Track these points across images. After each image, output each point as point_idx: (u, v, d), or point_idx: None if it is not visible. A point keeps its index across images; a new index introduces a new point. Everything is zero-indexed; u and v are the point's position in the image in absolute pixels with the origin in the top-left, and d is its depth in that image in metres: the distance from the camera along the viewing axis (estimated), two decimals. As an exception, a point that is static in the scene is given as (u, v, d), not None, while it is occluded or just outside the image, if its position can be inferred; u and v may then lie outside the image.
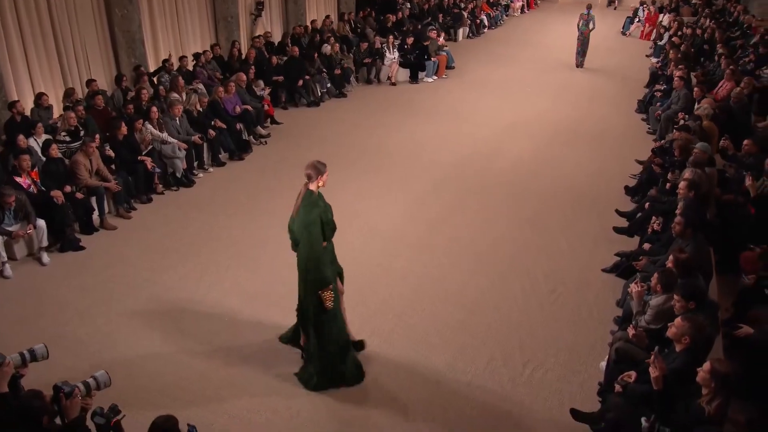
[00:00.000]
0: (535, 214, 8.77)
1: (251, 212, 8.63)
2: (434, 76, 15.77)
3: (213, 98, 10.48)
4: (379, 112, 13.21)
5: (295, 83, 13.06)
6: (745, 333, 5.31)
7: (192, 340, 6.03)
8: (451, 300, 6.75)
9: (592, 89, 15.25)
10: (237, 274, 7.17)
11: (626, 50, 19.82)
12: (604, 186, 9.63)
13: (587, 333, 6.25)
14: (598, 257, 7.56)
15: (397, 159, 10.58)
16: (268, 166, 10.19)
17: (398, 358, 5.83)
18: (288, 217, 5.54)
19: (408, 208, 8.84)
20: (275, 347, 5.92)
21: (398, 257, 7.60)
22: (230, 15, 13.68)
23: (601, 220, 8.51)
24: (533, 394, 5.45)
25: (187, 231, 8.13)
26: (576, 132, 12.14)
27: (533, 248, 7.85)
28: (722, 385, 3.94)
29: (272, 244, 7.76)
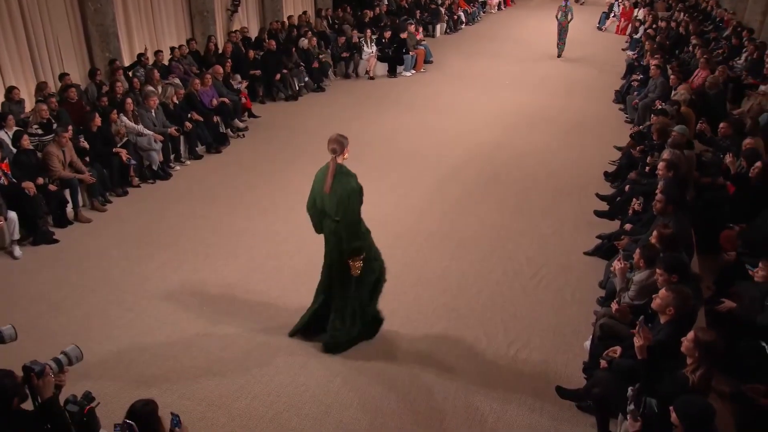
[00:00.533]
0: (515, 200, 8.72)
1: (230, 203, 8.48)
2: (412, 70, 15.69)
3: (189, 91, 10.30)
4: (358, 104, 13.11)
5: (273, 77, 12.91)
6: (728, 307, 5.30)
7: (169, 328, 5.87)
8: (433, 285, 6.66)
9: (569, 81, 15.27)
10: (215, 263, 7.02)
11: (602, 44, 19.91)
12: (584, 172, 9.60)
13: (571, 314, 6.19)
14: (580, 241, 7.52)
15: (375, 149, 10.47)
16: (246, 159, 10.03)
17: (379, 344, 5.71)
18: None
19: (387, 195, 8.73)
20: (253, 335, 5.78)
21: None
22: (206, 10, 13.49)
23: (582, 205, 8.48)
24: (518, 373, 5.37)
25: (164, 222, 7.95)
26: (554, 121, 12.13)
27: (515, 233, 7.78)
28: (706, 354, 3.87)
29: (251, 234, 7.64)
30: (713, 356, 3.90)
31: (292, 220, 7.90)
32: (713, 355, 3.90)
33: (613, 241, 6.66)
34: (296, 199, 8.40)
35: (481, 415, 4.91)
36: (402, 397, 5.06)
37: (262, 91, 12.97)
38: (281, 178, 9.26)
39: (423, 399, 5.05)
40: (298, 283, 6.55)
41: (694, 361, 3.93)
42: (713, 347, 3.89)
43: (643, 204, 6.75)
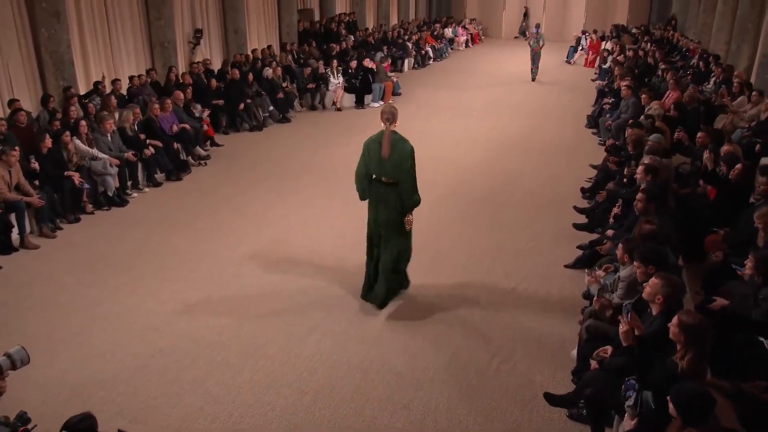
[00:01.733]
0: (491, 217, 8.59)
1: (190, 228, 8.17)
2: (381, 101, 15.69)
3: (148, 116, 10.05)
4: (325, 133, 13.00)
5: (236, 107, 12.74)
6: (720, 305, 5.14)
7: (121, 351, 5.49)
8: (407, 302, 6.40)
9: (541, 108, 15.45)
10: (174, 286, 6.67)
11: (572, 76, 20.30)
12: (560, 190, 9.57)
13: (554, 325, 5.97)
14: (560, 254, 7.38)
15: (342, 173, 10.27)
16: (208, 185, 9.77)
17: (351, 359, 5.42)
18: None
19: (358, 215, 8.51)
20: (213, 355, 5.44)
21: (348, 260, 7.24)
22: (167, 41, 13.37)
23: (559, 220, 8.38)
24: (503, 385, 5.09)
25: (119, 247, 7.60)
26: (528, 145, 12.18)
27: (491, 249, 7.61)
28: (691, 337, 3.72)
29: (213, 257, 7.35)
30: (699, 338, 3.74)
31: (256, 243, 7.70)
32: (699, 338, 3.74)
33: (594, 247, 6.51)
34: (260, 223, 8.28)
35: (465, 429, 4.61)
36: (377, 414, 4.75)
37: (226, 121, 12.78)
38: (243, 203, 9.02)
39: (402, 415, 4.74)
40: (261, 306, 6.28)
41: (681, 346, 3.76)
42: (698, 329, 3.74)
43: (623, 209, 6.64)
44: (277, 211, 8.75)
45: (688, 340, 3.70)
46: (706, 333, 3.72)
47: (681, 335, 3.73)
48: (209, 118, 11.80)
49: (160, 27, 13.13)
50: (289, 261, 7.24)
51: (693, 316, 3.79)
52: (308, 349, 5.57)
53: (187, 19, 14.53)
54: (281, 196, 9.29)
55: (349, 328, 5.90)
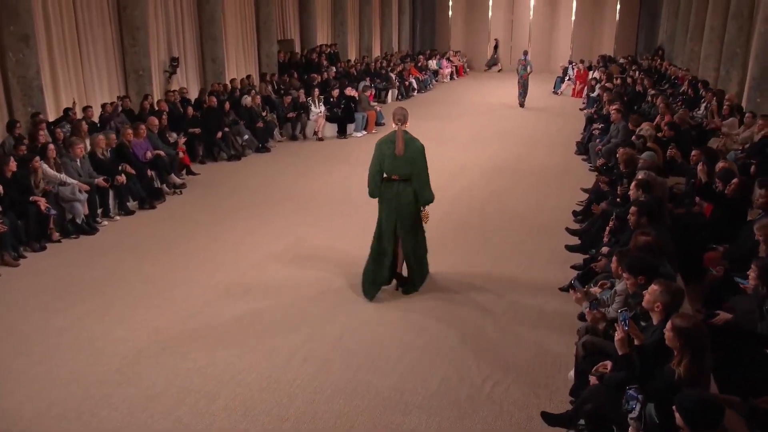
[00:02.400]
0: (481, 241, 8.53)
1: (165, 255, 8.02)
2: (363, 131, 15.74)
3: (121, 141, 9.95)
4: (305, 162, 12.96)
5: (213, 135, 12.69)
6: (724, 319, 5.05)
7: (86, 380, 5.28)
8: (395, 324, 6.27)
9: (529, 136, 15.57)
10: (147, 312, 6.49)
11: (560, 106, 20.56)
12: (551, 213, 9.55)
13: (550, 347, 5.85)
14: (553, 277, 7.29)
15: (323, 201, 10.25)
16: (183, 214, 9.63)
17: (337, 383, 5.26)
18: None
19: (340, 242, 8.42)
20: (186, 384, 5.25)
21: (332, 286, 7.11)
22: (142, 68, 13.35)
23: (551, 243, 8.33)
24: (497, 409, 4.94)
25: (87, 274, 7.42)
26: (517, 171, 12.21)
27: (480, 273, 7.51)
28: (687, 340, 3.65)
29: (188, 284, 7.19)
30: (695, 342, 3.67)
31: (234, 270, 7.57)
32: (695, 341, 3.67)
33: (589, 265, 6.43)
34: (238, 251, 8.19)
35: (457, 454, 4.45)
36: (363, 438, 4.58)
37: (202, 150, 12.71)
38: (221, 230, 8.89)
39: (388, 439, 4.57)
40: (239, 332, 6.12)
41: (678, 351, 3.69)
42: (694, 332, 3.68)
43: (618, 226, 6.59)
44: (255, 238, 8.62)
45: (683, 345, 3.63)
46: (702, 336, 3.65)
47: (676, 339, 3.67)
48: (185, 146, 11.71)
49: (134, 54, 13.12)
50: (268, 287, 7.10)
51: (687, 318, 3.73)
52: (289, 374, 5.40)
53: (163, 46, 14.56)
54: (260, 223, 9.18)
55: (333, 352, 5.74)
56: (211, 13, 15.61)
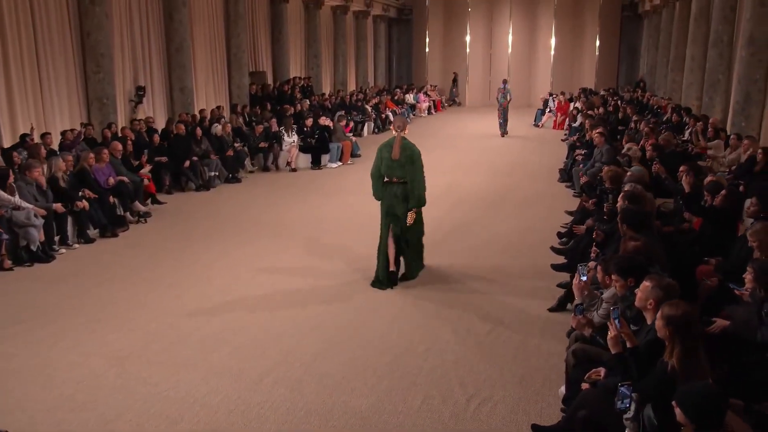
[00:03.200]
0: (460, 265, 8.42)
1: (127, 281, 7.81)
2: (338, 162, 15.70)
3: (82, 166, 9.78)
4: (278, 192, 12.89)
5: (181, 164, 12.56)
6: (721, 326, 4.97)
7: (33, 407, 5.03)
8: (373, 346, 6.10)
9: (511, 165, 15.69)
10: (105, 337, 6.27)
11: (541, 137, 20.81)
12: (535, 237, 9.54)
13: (538, 365, 5.72)
14: (539, 298, 7.19)
15: (296, 229, 10.14)
16: (148, 242, 9.43)
17: (309, 405, 5.07)
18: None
19: (313, 267, 8.28)
20: (146, 408, 5.03)
21: (303, 310, 6.95)
22: (106, 96, 13.21)
23: (536, 264, 8.28)
24: (483, 427, 4.79)
25: (42, 300, 7.18)
26: (499, 198, 12.25)
27: (462, 293, 7.41)
28: (675, 328, 3.61)
29: (151, 308, 7.00)
30: (686, 329, 3.63)
31: (201, 294, 7.40)
32: (685, 328, 3.63)
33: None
34: (205, 275, 8.08)
35: (441, 473, 4.26)
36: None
37: (169, 179, 12.56)
38: (188, 256, 8.73)
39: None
40: (204, 354, 5.93)
41: (669, 341, 3.65)
42: (683, 319, 3.63)
43: (604, 240, 6.54)
44: (224, 263, 8.46)
45: (673, 333, 3.58)
46: (693, 323, 3.61)
47: (666, 329, 3.62)
48: (151, 174, 11.56)
49: (98, 81, 12.99)
50: (236, 312, 6.91)
51: (677, 306, 3.68)
52: (258, 396, 5.20)
53: (128, 74, 14.49)
54: (230, 249, 9.02)
55: (306, 375, 5.55)
56: (180, 41, 15.58)
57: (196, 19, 16.72)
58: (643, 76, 27.37)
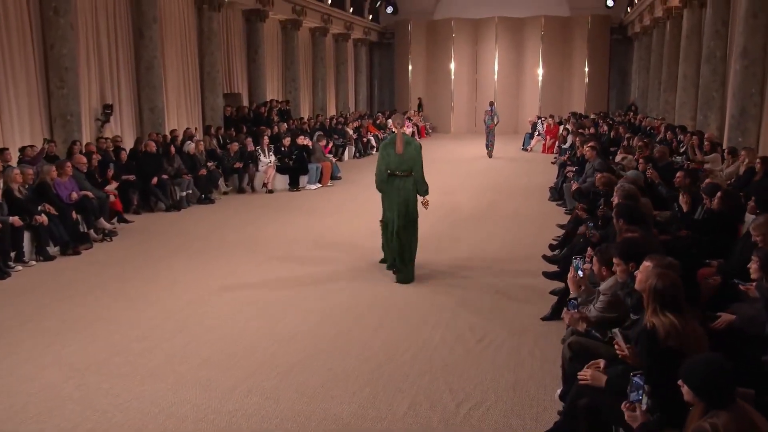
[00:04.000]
0: (449, 276, 8.37)
1: (89, 296, 7.63)
2: (318, 184, 15.63)
3: (42, 179, 9.62)
4: (253, 212, 12.78)
5: (149, 182, 12.41)
6: (726, 321, 4.90)
7: (-15, 416, 4.83)
8: (354, 355, 5.96)
9: (500, 186, 15.78)
10: (62, 349, 6.08)
11: (530, 162, 20.89)
12: (525, 249, 9.57)
13: (532, 371, 5.60)
14: (532, 307, 7.12)
15: (273, 245, 10.06)
16: (113, 260, 9.24)
17: (285, 413, 4.91)
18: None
19: (288, 285, 8.15)
20: (104, 420, 4.84)
21: (282, 320, 6.81)
22: (70, 113, 13.08)
23: (528, 275, 8.27)
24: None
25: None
26: (489, 216, 12.27)
27: (450, 304, 7.32)
28: (653, 294, 3.74)
29: (113, 321, 6.82)
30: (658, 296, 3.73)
31: (168, 307, 7.26)
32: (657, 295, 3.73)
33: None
34: (173, 289, 7.94)
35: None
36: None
37: (138, 199, 12.40)
38: (156, 272, 8.58)
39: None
40: (171, 365, 5.78)
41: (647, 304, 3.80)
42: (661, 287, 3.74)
43: (600, 242, 6.47)
44: (193, 276, 8.34)
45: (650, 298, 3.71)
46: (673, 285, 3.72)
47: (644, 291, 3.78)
48: (117, 191, 11.41)
49: (62, 97, 12.87)
50: (205, 325, 6.74)
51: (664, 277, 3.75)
52: (230, 405, 5.02)
53: (95, 91, 14.38)
54: (199, 265, 8.88)
55: (281, 384, 5.39)
56: (150, 59, 15.52)
57: (168, 36, 16.71)
58: (635, 100, 27.74)
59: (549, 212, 12.52)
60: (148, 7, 15.21)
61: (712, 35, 15.82)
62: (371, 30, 32.24)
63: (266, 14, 21.08)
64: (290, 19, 23.15)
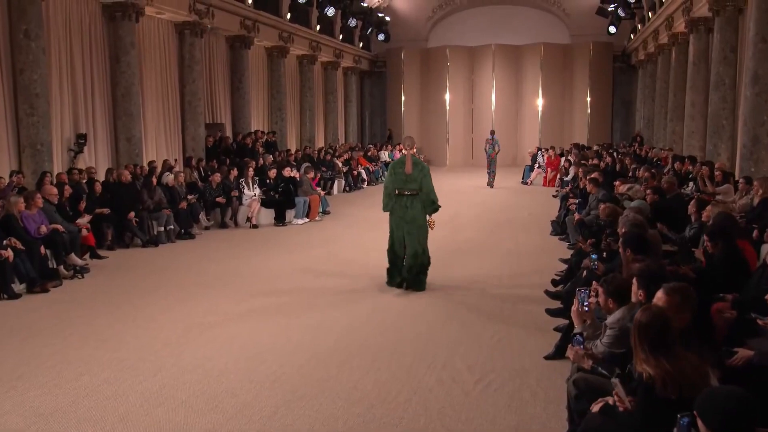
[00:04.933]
0: (443, 312, 8.36)
1: (56, 336, 7.52)
2: (305, 218, 15.62)
3: (9, 211, 9.55)
4: (236, 248, 12.76)
5: (126, 217, 12.35)
6: (745, 356, 4.85)
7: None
8: (343, 397, 5.87)
9: (499, 219, 15.87)
10: (25, 392, 5.96)
11: (531, 195, 20.98)
12: (525, 285, 9.57)
13: (536, 413, 5.54)
14: (534, 345, 7.07)
15: (255, 282, 10.07)
16: (85, 297, 9.15)
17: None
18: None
19: (269, 324, 8.08)
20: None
21: (266, 360, 6.74)
22: (40, 142, 13.04)
23: (529, 311, 8.25)
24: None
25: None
26: (487, 251, 12.29)
27: (447, 342, 7.26)
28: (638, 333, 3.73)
29: (85, 363, 6.71)
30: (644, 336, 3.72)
31: (144, 348, 7.17)
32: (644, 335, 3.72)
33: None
34: (148, 327, 7.85)
35: None
36: None
37: (112, 234, 12.33)
38: (130, 310, 8.49)
39: None
40: (148, 407, 5.69)
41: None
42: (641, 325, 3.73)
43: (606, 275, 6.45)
44: (171, 315, 8.26)
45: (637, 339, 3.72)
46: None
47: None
48: (89, 225, 11.35)
49: (32, 125, 12.83)
50: (185, 364, 6.65)
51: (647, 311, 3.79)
52: (207, 451, 4.91)
53: (68, 120, 14.38)
54: (177, 303, 8.81)
55: (265, 427, 5.33)
56: (127, 86, 15.58)
57: (147, 63, 16.83)
58: (640, 131, 27.92)
59: (551, 247, 12.54)
60: (126, 32, 15.32)
61: (720, 61, 16.01)
62: (362, 58, 32.53)
63: (251, 41, 21.26)
64: (276, 46, 23.34)
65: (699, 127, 18.04)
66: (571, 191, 15.36)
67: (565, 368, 6.22)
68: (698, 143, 18.07)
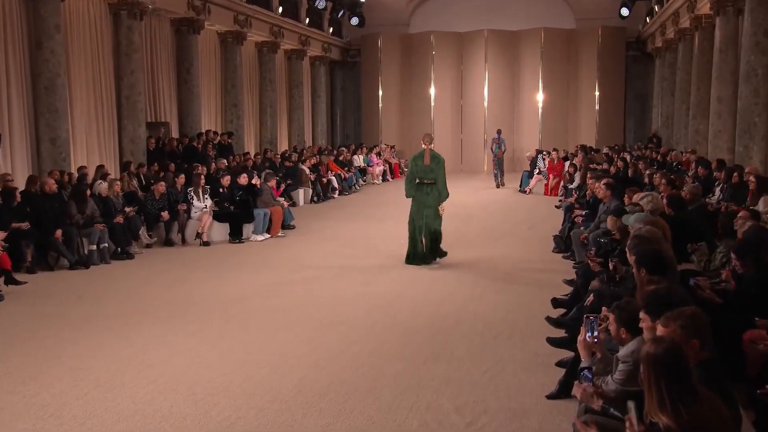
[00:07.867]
0: (429, 347, 8.38)
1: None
2: (266, 234, 15.60)
3: None
4: (183, 269, 12.77)
5: (50, 234, 12.28)
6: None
7: None
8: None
9: (495, 234, 16.06)
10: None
11: (530, 206, 21.28)
12: (523, 314, 9.63)
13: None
14: (535, 384, 7.13)
15: (210, 307, 10.15)
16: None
17: None
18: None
19: (239, 346, 8.07)
20: None
21: (216, 405, 6.72)
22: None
23: (527, 345, 8.32)
24: None
25: None
26: (480, 270, 12.47)
27: (433, 381, 7.29)
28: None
29: (5, 410, 6.66)
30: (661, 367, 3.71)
31: (75, 388, 7.15)
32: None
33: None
34: (78, 367, 7.80)
35: None
36: None
37: (33, 254, 12.23)
38: (56, 345, 8.45)
39: None
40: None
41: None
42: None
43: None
44: (104, 351, 8.21)
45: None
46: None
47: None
48: (5, 244, 11.26)
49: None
50: (124, 407, 6.64)
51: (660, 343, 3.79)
52: None
53: (-22, 118, 14.32)
54: (112, 336, 8.77)
55: None
56: (51, 77, 15.46)
57: (75, 49, 16.83)
58: (657, 131, 28.24)
59: (553, 266, 12.68)
60: (49, 12, 15.27)
61: (751, 48, 16.19)
62: (332, 46, 32.70)
63: (201, 24, 21.32)
64: (231, 32, 23.43)
65: (727, 126, 18.23)
66: (577, 201, 15.45)
67: (571, 409, 6.36)
68: (726, 144, 18.26)
